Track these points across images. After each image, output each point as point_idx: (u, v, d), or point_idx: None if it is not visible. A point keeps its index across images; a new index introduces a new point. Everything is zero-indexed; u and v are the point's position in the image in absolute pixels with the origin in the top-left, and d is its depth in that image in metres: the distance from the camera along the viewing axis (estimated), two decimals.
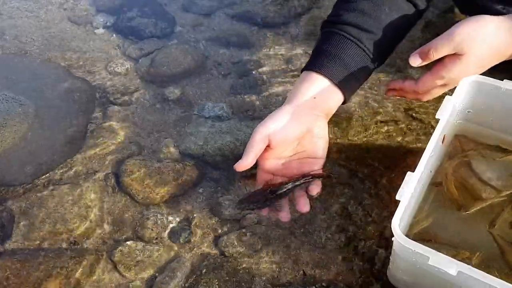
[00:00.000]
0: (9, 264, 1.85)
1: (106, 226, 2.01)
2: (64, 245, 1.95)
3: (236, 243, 1.92)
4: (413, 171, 1.43)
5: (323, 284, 1.78)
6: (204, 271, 1.86)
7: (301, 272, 1.82)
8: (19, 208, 2.05)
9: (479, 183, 1.77)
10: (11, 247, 1.94)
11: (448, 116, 1.59)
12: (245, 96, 2.51)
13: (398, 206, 1.37)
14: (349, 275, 1.79)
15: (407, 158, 2.05)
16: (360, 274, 1.79)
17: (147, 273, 1.87)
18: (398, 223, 1.33)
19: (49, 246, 1.94)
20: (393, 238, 1.38)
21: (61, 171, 2.19)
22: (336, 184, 2.05)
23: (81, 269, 1.85)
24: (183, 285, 1.83)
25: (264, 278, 1.82)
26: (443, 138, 1.70)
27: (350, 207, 1.97)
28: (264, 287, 1.81)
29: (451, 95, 1.64)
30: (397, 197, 1.40)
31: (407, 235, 1.33)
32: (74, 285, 1.82)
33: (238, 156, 1.73)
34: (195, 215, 2.04)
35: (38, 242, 1.96)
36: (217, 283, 1.82)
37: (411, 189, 1.39)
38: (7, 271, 1.83)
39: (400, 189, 1.41)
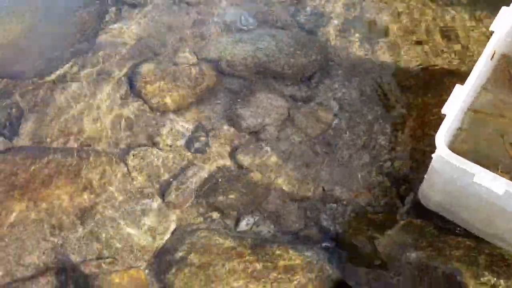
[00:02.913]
0: (17, 159, 1.77)
1: (119, 130, 1.91)
2: (75, 145, 1.86)
3: (254, 156, 1.83)
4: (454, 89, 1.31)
5: (343, 202, 1.71)
6: (220, 181, 1.79)
7: (320, 188, 1.75)
8: (28, 104, 1.94)
9: None
10: (19, 143, 1.85)
11: (503, 29, 1.44)
12: (270, 5, 2.32)
13: (444, 120, 1.26)
14: (372, 195, 1.72)
15: (443, 79, 1.91)
16: (383, 194, 1.71)
17: (161, 179, 1.79)
18: (443, 137, 1.22)
19: (59, 145, 1.85)
20: (433, 155, 1.29)
21: (72, 69, 2.05)
22: (365, 101, 1.92)
23: (92, 170, 1.78)
24: (197, 193, 1.76)
25: (281, 192, 1.76)
26: (493, 54, 1.56)
27: (378, 126, 1.86)
28: (281, 200, 1.74)
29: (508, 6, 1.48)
30: (443, 111, 1.28)
31: None
32: (84, 185, 1.75)
33: (260, 66, 1.59)
34: (212, 125, 1.93)
35: (47, 140, 1.86)
36: (233, 193, 1.75)
37: (459, 102, 1.28)
38: (15, 167, 1.75)
39: (447, 102, 1.29)
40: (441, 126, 1.24)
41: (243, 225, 1.72)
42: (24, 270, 1.62)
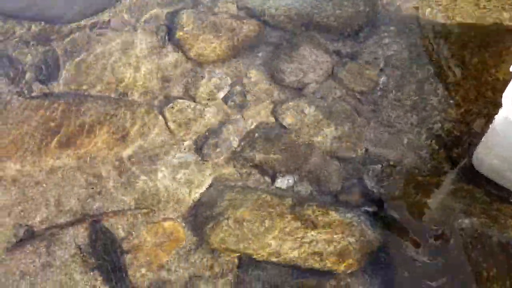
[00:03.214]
0: (55, 106, 1.74)
1: (157, 81, 1.86)
2: (113, 95, 1.82)
3: (295, 114, 1.76)
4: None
5: (389, 164, 1.64)
6: (258, 137, 1.73)
7: (364, 149, 1.67)
8: (65, 49, 1.89)
9: None
10: (57, 90, 1.82)
11: None
12: None
13: None
14: (419, 158, 1.63)
15: (504, 37, 1.76)
16: (431, 157, 1.62)
17: (199, 133, 1.75)
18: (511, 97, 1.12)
19: (98, 93, 1.82)
20: (496, 116, 1.19)
21: (110, 15, 1.99)
22: (416, 59, 1.81)
23: (131, 121, 1.74)
24: (235, 149, 1.71)
25: (322, 151, 1.69)
26: None
27: (430, 86, 1.75)
28: (322, 160, 1.68)
29: None
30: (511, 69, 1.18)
31: None
32: (123, 135, 1.71)
33: (304, 18, 1.43)
34: (252, 79, 1.86)
35: (85, 87, 1.83)
36: (272, 151, 1.69)
37: None
38: (54, 112, 1.72)
39: None
40: (509, 85, 1.13)
41: (281, 183, 1.67)
42: (61, 217, 1.62)
